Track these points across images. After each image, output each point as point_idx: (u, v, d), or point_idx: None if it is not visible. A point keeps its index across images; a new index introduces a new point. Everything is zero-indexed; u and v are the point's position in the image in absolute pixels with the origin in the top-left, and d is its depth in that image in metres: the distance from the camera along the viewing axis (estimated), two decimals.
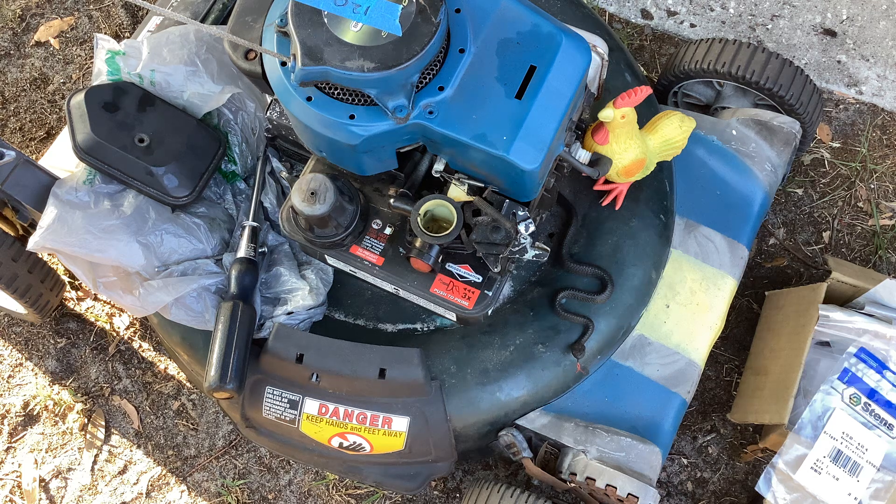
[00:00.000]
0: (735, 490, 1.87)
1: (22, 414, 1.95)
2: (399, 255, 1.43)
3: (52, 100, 2.22)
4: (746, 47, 1.73)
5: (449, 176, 1.35)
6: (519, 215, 1.34)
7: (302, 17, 1.20)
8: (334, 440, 1.52)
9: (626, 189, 1.58)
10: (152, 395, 1.95)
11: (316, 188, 1.33)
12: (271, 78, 1.27)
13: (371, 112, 1.22)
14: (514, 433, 1.57)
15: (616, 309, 1.56)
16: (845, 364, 1.65)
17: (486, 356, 1.51)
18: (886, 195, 2.10)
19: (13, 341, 2.01)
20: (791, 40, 2.23)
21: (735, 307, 1.98)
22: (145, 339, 2.00)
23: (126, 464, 1.91)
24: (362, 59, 1.17)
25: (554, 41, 1.27)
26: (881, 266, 2.02)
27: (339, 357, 1.45)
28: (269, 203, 1.60)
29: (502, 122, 1.23)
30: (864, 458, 1.60)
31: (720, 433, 1.90)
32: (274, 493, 1.88)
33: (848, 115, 2.17)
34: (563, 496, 1.83)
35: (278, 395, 1.49)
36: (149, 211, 1.53)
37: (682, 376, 1.61)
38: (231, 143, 1.61)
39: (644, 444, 1.55)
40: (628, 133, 1.45)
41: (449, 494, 1.86)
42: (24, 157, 1.53)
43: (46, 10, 2.31)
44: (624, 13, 2.30)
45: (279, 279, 1.54)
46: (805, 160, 2.12)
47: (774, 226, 2.07)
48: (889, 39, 2.22)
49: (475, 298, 1.42)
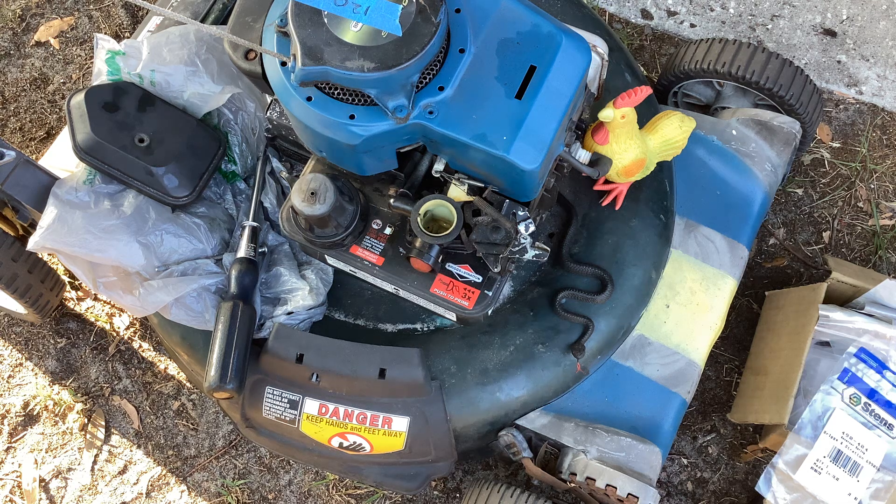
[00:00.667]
0: (735, 490, 1.87)
1: (22, 414, 1.95)
2: (399, 255, 1.43)
3: (52, 100, 2.22)
4: (746, 47, 1.73)
5: (449, 176, 1.35)
6: (519, 215, 1.34)
7: (302, 17, 1.19)
8: (334, 440, 1.52)
9: (626, 189, 1.58)
10: (152, 395, 1.95)
11: (316, 188, 1.33)
12: (271, 78, 1.27)
13: (371, 112, 1.22)
14: (514, 433, 1.57)
15: (616, 309, 1.56)
16: (845, 364, 1.65)
17: (486, 356, 1.51)
18: (886, 195, 2.09)
19: (13, 341, 2.01)
20: (791, 40, 2.23)
21: (735, 307, 1.98)
22: (145, 339, 2.00)
23: (126, 464, 1.91)
24: (362, 59, 1.17)
25: (554, 41, 1.27)
26: (881, 266, 2.02)
27: (339, 357, 1.45)
28: (269, 203, 1.60)
29: (502, 122, 1.23)
30: (864, 458, 1.60)
31: (720, 433, 1.90)
32: (274, 493, 1.88)
33: (848, 115, 2.17)
34: (563, 496, 1.83)
35: (278, 395, 1.49)
36: (149, 211, 1.53)
37: (682, 376, 1.61)
38: (231, 143, 1.61)
39: (644, 444, 1.55)
40: (628, 133, 1.45)
41: (449, 494, 1.86)
42: (24, 157, 1.53)
43: (46, 10, 2.31)
44: (624, 13, 2.30)
45: (279, 279, 1.53)
46: (805, 160, 2.12)
47: (774, 226, 2.07)
48: (889, 39, 2.22)
49: (475, 298, 1.42)
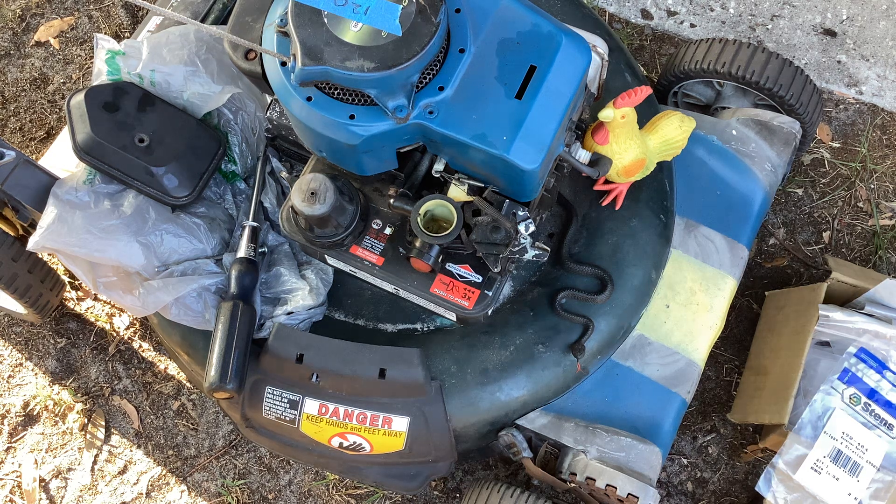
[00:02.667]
0: (735, 490, 1.87)
1: (22, 414, 1.95)
2: (399, 255, 1.43)
3: (52, 100, 2.22)
4: (746, 47, 1.73)
5: (449, 176, 1.35)
6: (519, 215, 1.34)
7: (302, 17, 1.19)
8: (334, 440, 1.52)
9: (626, 189, 1.58)
10: (152, 395, 1.95)
11: (316, 188, 1.33)
12: (271, 78, 1.27)
13: (371, 112, 1.22)
14: (514, 433, 1.57)
15: (616, 309, 1.56)
16: (845, 364, 1.65)
17: (486, 356, 1.51)
18: (886, 195, 2.09)
19: (13, 341, 2.01)
20: (791, 40, 2.23)
21: (735, 307, 1.98)
22: (145, 339, 2.00)
23: (126, 464, 1.91)
24: (362, 59, 1.17)
25: (554, 41, 1.27)
26: (881, 266, 2.02)
27: (339, 357, 1.45)
28: (269, 203, 1.60)
29: (502, 122, 1.23)
30: (864, 458, 1.60)
31: (720, 433, 1.90)
32: (274, 493, 1.88)
33: (848, 115, 2.17)
34: (563, 496, 1.83)
35: (278, 395, 1.49)
36: (149, 211, 1.53)
37: (682, 376, 1.61)
38: (231, 143, 1.61)
39: (644, 444, 1.55)
40: (628, 133, 1.45)
41: (449, 494, 1.86)
42: (24, 157, 1.53)
43: (46, 10, 2.31)
44: (624, 13, 2.30)
45: (279, 279, 1.53)
46: (805, 160, 2.12)
47: (774, 226, 2.07)
48: (889, 39, 2.22)
49: (475, 298, 1.42)
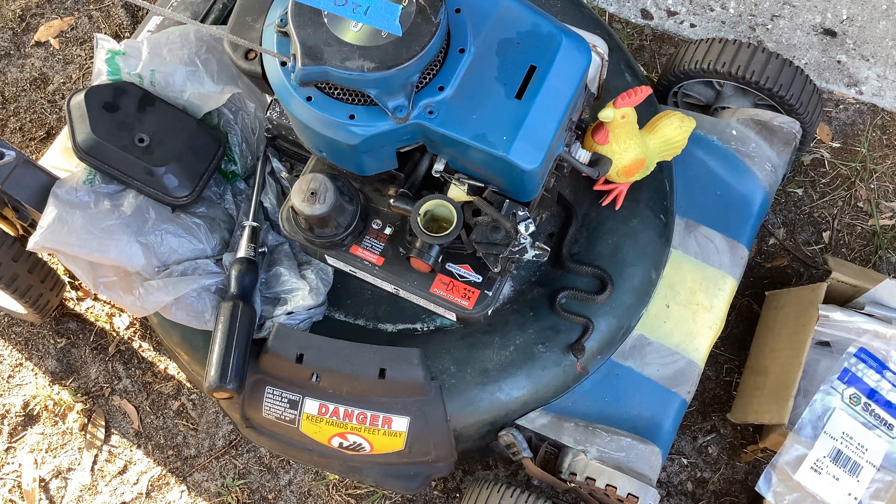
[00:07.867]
0: (735, 490, 1.87)
1: (22, 414, 1.95)
2: (399, 255, 1.43)
3: (52, 100, 2.22)
4: (746, 47, 1.73)
5: (449, 176, 1.35)
6: (519, 215, 1.34)
7: (302, 17, 1.19)
8: (334, 440, 1.52)
9: (626, 189, 1.58)
10: (152, 395, 1.95)
11: (316, 188, 1.33)
12: (271, 78, 1.27)
13: (371, 112, 1.22)
14: (514, 433, 1.57)
15: (616, 309, 1.56)
16: (845, 364, 1.65)
17: (486, 356, 1.51)
18: (886, 195, 2.09)
19: (13, 341, 2.01)
20: (791, 40, 2.23)
21: (735, 307, 1.98)
22: (145, 339, 2.00)
23: (126, 464, 1.91)
24: (362, 59, 1.17)
25: (554, 41, 1.27)
26: (881, 266, 2.02)
27: (339, 357, 1.45)
28: (269, 203, 1.60)
29: (502, 122, 1.23)
30: (864, 458, 1.60)
31: (720, 433, 1.90)
32: (274, 493, 1.88)
33: (848, 115, 2.17)
34: (563, 496, 1.83)
35: (278, 395, 1.49)
36: (149, 211, 1.53)
37: (682, 376, 1.61)
38: (231, 143, 1.61)
39: (644, 444, 1.54)
40: (628, 133, 1.45)
41: (449, 494, 1.86)
42: (24, 157, 1.53)
43: (46, 10, 2.31)
44: (624, 13, 2.30)
45: (279, 279, 1.54)
46: (805, 160, 2.12)
47: (774, 226, 2.07)
48: (889, 39, 2.22)
49: (475, 298, 1.42)
